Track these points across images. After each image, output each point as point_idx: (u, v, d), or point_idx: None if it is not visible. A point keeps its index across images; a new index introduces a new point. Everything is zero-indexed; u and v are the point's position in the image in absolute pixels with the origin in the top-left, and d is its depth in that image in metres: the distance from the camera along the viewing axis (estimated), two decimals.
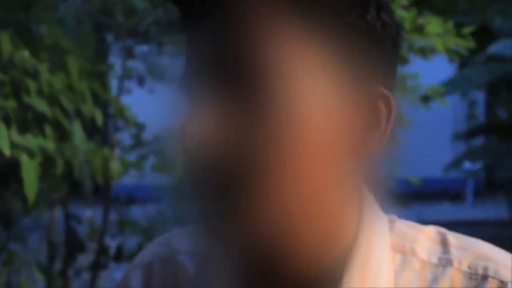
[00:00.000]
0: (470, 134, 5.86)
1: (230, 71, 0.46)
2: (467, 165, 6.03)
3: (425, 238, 0.52)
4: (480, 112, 6.58)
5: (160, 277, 0.56)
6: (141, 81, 2.45)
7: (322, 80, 0.46)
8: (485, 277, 0.49)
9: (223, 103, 0.46)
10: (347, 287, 0.48)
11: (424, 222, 0.57)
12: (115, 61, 2.58)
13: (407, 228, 0.53)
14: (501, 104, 5.89)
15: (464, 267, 0.50)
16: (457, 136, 5.91)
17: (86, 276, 2.54)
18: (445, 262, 0.51)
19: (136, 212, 2.70)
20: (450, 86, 4.59)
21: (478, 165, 6.33)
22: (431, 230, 0.53)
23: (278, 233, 0.46)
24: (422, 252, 0.51)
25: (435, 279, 0.50)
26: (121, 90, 2.41)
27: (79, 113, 1.48)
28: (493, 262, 0.50)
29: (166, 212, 2.91)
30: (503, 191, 5.82)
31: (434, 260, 0.51)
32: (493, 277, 0.49)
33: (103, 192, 2.45)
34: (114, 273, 3.59)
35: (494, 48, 4.83)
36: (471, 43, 1.64)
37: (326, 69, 0.46)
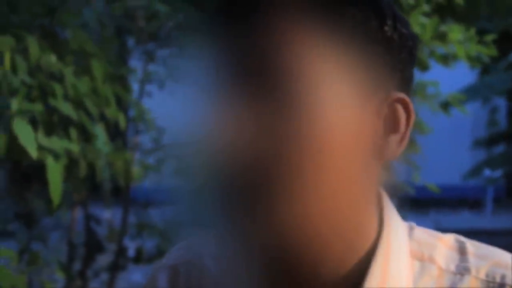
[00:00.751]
0: (490, 141, 5.80)
1: (256, 77, 0.47)
2: (487, 172, 5.96)
3: (443, 246, 0.53)
4: (501, 119, 6.51)
5: (185, 279, 0.58)
6: (161, 85, 2.48)
7: (343, 86, 0.48)
8: (502, 285, 0.50)
9: (248, 108, 0.47)
10: None
11: (443, 230, 0.57)
12: (136, 65, 2.61)
13: (426, 235, 0.54)
14: None
15: (482, 275, 0.51)
16: (477, 143, 5.85)
17: (104, 276, 2.57)
18: (463, 270, 0.51)
19: (154, 215, 2.72)
20: (471, 93, 4.56)
21: (498, 173, 6.26)
22: (450, 238, 0.54)
23: (299, 237, 0.47)
24: (440, 260, 0.52)
25: (453, 287, 0.50)
26: (142, 93, 2.43)
27: (102, 116, 1.51)
28: (511, 270, 0.50)
29: (183, 215, 2.93)
30: None
31: (452, 268, 0.51)
32: (511, 285, 0.50)
33: (122, 194, 2.47)
34: (132, 274, 3.62)
35: None
36: (493, 51, 1.63)
37: (347, 75, 0.48)
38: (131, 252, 2.50)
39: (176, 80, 2.49)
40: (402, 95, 0.50)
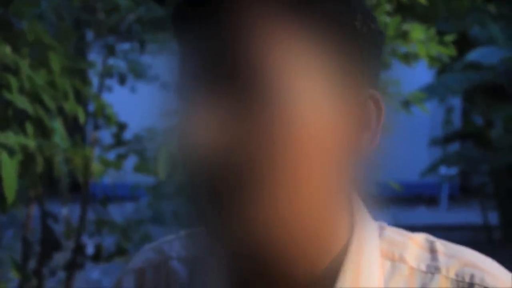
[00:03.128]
0: (446, 140, 5.96)
1: (228, 73, 0.46)
2: (443, 170, 6.13)
3: (414, 245, 0.53)
4: (456, 118, 6.70)
5: (153, 283, 0.56)
6: (122, 80, 2.43)
7: (315, 83, 0.47)
8: (471, 285, 0.50)
9: (222, 105, 0.46)
10: None
11: (400, 226, 0.57)
12: (95, 58, 2.55)
13: (396, 235, 0.54)
14: (477, 111, 6.01)
15: (452, 275, 0.51)
16: (434, 142, 6.00)
17: (61, 275, 2.51)
18: (433, 269, 0.51)
19: (114, 212, 2.67)
20: (429, 92, 4.66)
21: (453, 170, 6.44)
22: (420, 237, 0.54)
23: (272, 237, 0.46)
24: (411, 259, 0.52)
25: (424, 286, 0.51)
26: (101, 88, 2.38)
27: (60, 111, 1.46)
28: (480, 270, 0.51)
29: (144, 211, 2.89)
30: (477, 196, 5.93)
31: (423, 267, 0.52)
32: (480, 285, 0.50)
33: (81, 191, 2.42)
34: (90, 273, 3.55)
35: (472, 56, 4.93)
36: (452, 51, 1.67)
37: (319, 72, 0.47)
38: (89, 249, 2.45)
39: (138, 75, 2.44)
40: (373, 91, 0.50)
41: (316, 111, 0.47)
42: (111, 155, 2.19)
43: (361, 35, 0.48)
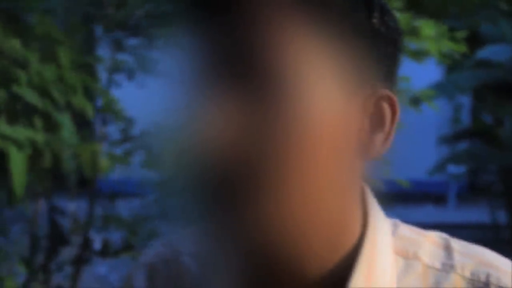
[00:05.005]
0: (455, 138, 5.93)
1: (238, 69, 0.45)
2: (451, 168, 6.10)
3: (428, 242, 0.52)
4: (465, 116, 6.66)
5: (164, 278, 0.56)
6: (130, 75, 2.43)
7: (329, 81, 0.46)
8: (487, 285, 0.50)
9: (231, 103, 0.45)
10: None
11: (408, 223, 0.57)
12: (103, 54, 2.55)
13: (410, 232, 0.53)
14: (486, 109, 5.97)
15: (467, 274, 0.50)
16: (442, 140, 5.97)
17: (68, 270, 2.51)
18: (448, 267, 0.51)
19: (121, 207, 2.67)
20: (438, 90, 4.63)
21: (462, 169, 6.41)
22: (435, 235, 0.53)
23: (283, 234, 0.46)
24: (425, 257, 0.51)
25: (438, 284, 0.50)
26: (110, 83, 2.38)
27: (68, 106, 1.46)
28: (495, 270, 0.50)
29: (151, 207, 2.89)
30: (485, 194, 5.90)
31: (437, 265, 0.51)
32: (495, 285, 0.50)
33: (89, 186, 2.42)
34: (97, 268, 3.56)
35: (482, 53, 4.89)
36: (463, 48, 1.66)
37: (334, 70, 0.46)
38: (96, 245, 2.45)
39: (146, 70, 2.44)
40: (387, 91, 0.49)
41: (328, 109, 0.46)
42: (118, 151, 2.18)
43: (378, 33, 0.47)
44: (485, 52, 4.92)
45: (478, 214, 6.13)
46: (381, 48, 0.48)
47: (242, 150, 0.45)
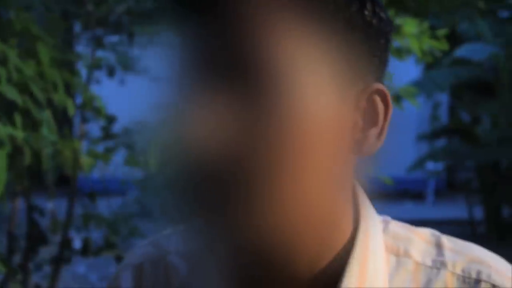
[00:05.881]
0: (433, 135, 5.99)
1: (229, 67, 0.44)
2: (430, 165, 6.16)
3: (419, 239, 0.52)
4: (443, 114, 6.74)
5: (151, 278, 0.55)
6: (111, 72, 2.40)
7: (323, 77, 0.45)
8: (478, 281, 0.50)
9: (223, 101, 0.44)
10: None
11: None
12: (83, 51, 2.51)
13: (401, 229, 0.53)
14: (464, 107, 6.05)
15: (458, 270, 0.50)
16: (421, 137, 6.03)
17: (47, 269, 2.48)
18: (439, 264, 0.51)
19: (101, 206, 2.64)
20: (416, 87, 4.68)
21: (440, 166, 6.48)
22: (425, 232, 0.53)
23: (275, 233, 0.45)
24: (416, 254, 0.51)
25: (429, 281, 0.50)
26: (90, 80, 2.35)
27: (49, 103, 1.44)
28: (486, 266, 0.50)
29: (131, 206, 2.86)
30: (462, 191, 5.98)
31: (428, 262, 0.51)
32: (486, 281, 0.50)
33: (68, 184, 2.39)
34: (76, 267, 3.52)
35: (460, 51, 4.95)
36: (445, 45, 1.67)
37: (327, 66, 0.45)
38: (76, 244, 2.42)
39: (127, 68, 2.41)
40: (380, 86, 0.48)
41: (322, 106, 0.45)
42: (99, 149, 2.16)
43: (370, 26, 0.46)
44: (463, 51, 4.98)
45: (455, 210, 6.22)
46: (373, 41, 0.47)
47: (234, 149, 0.44)
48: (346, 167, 0.48)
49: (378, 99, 0.48)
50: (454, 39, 4.87)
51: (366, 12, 0.46)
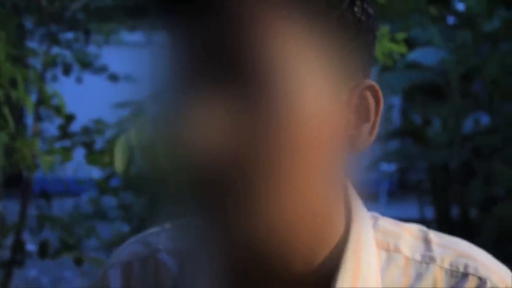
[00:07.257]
0: (386, 137, 6.13)
1: (222, 68, 0.44)
2: (383, 166, 6.30)
3: (408, 235, 0.53)
4: (396, 116, 6.91)
5: (141, 277, 0.54)
6: (67, 70, 2.33)
7: (316, 76, 0.45)
8: (465, 275, 0.51)
9: (216, 102, 0.44)
10: (341, 287, 0.48)
11: None
12: (37, 47, 2.44)
13: (390, 225, 0.54)
14: (416, 110, 6.21)
15: (446, 265, 0.51)
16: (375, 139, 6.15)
17: None
18: (428, 259, 0.52)
19: (55, 207, 2.57)
20: None
21: (393, 167, 6.63)
22: (413, 228, 0.54)
23: (270, 231, 0.45)
24: (405, 249, 0.52)
25: (419, 276, 0.51)
26: (43, 78, 2.28)
27: (6, 99, 1.38)
28: (473, 260, 0.52)
29: (85, 207, 2.80)
30: (414, 191, 6.14)
31: (417, 257, 0.52)
32: (473, 275, 0.51)
33: (20, 185, 2.31)
34: (28, 270, 3.40)
35: (412, 56, 5.08)
36: (404, 49, 1.71)
37: (320, 64, 0.45)
38: (30, 246, 2.34)
39: (84, 65, 2.35)
40: (370, 81, 0.48)
41: (316, 104, 0.45)
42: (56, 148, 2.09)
43: (360, 21, 0.47)
44: (415, 55, 5.12)
45: (407, 210, 6.38)
46: (363, 37, 0.47)
47: (228, 148, 0.44)
48: (338, 164, 0.48)
49: (369, 95, 0.48)
50: (407, 44, 5.00)
51: (356, 9, 0.47)
